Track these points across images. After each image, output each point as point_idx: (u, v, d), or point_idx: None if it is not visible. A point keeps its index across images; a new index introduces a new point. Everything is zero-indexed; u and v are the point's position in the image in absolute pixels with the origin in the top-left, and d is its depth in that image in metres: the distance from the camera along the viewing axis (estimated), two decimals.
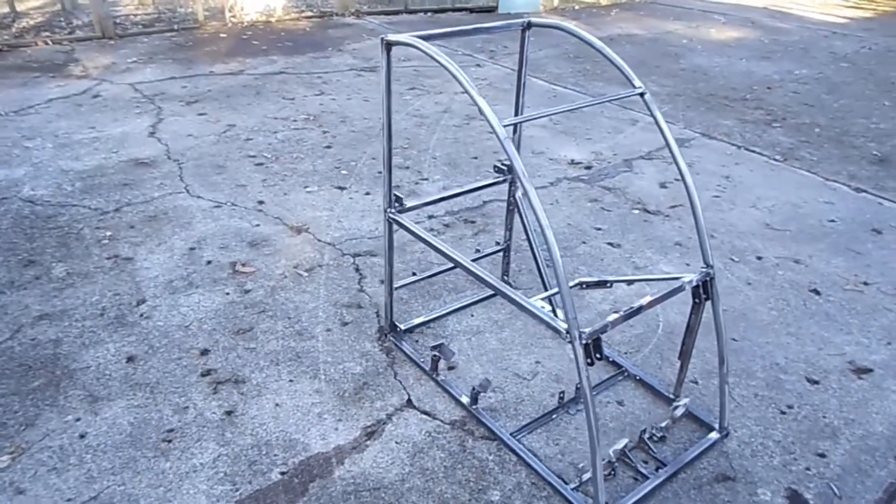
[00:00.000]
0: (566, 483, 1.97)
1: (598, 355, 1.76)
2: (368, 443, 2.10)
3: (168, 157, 4.00)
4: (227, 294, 2.78)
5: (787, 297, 2.96)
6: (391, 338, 2.53)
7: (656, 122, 2.09)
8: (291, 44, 6.63)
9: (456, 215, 3.49)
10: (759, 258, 3.25)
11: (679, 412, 2.13)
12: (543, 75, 5.97)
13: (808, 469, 2.09)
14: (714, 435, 2.16)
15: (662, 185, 3.96)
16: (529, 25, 2.39)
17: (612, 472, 2.01)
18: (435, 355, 2.32)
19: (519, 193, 2.67)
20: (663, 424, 2.17)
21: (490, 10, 8.86)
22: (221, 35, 6.83)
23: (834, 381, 2.47)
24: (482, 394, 2.21)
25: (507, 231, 2.79)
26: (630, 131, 4.75)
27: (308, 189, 3.69)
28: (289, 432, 2.12)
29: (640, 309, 1.87)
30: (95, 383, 2.30)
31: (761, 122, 5.07)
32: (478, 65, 6.17)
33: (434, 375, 2.35)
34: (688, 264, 3.17)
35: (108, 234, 3.18)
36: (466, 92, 1.86)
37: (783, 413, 2.31)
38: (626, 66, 2.16)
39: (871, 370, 2.54)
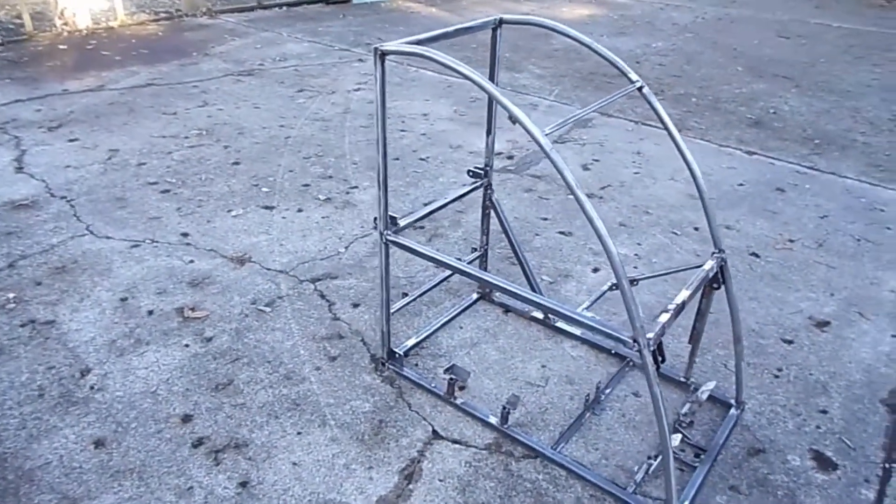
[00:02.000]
0: (623, 488, 1.95)
1: (661, 358, 1.73)
2: (411, 487, 1.94)
3: (51, 195, 3.46)
4: (187, 346, 2.45)
5: (735, 263, 3.13)
6: (390, 366, 2.36)
7: (657, 114, 2.10)
8: (148, 51, 6.00)
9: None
10: (696, 229, 3.43)
11: (705, 396, 2.17)
12: (428, 65, 5.88)
13: (818, 428, 2.23)
14: (734, 411, 2.24)
15: (585, 168, 4.05)
16: (500, 23, 2.30)
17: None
18: (451, 378, 2.20)
19: (495, 196, 2.58)
20: (685, 409, 2.21)
21: (345, 1, 8.60)
22: (60, 46, 6.04)
23: (804, 339, 2.65)
24: (512, 411, 2.12)
25: (483, 235, 2.70)
26: (535, 116, 4.80)
27: (233, 213, 3.35)
28: (320, 492, 1.91)
29: (683, 305, 1.87)
30: (66, 480, 1.93)
31: (637, 96, 5.33)
32: (360, 59, 5.95)
33: (451, 399, 2.22)
34: (639, 244, 3.26)
35: (11, 296, 2.69)
36: (499, 102, 1.75)
37: (776, 377, 2.45)
38: (619, 60, 2.14)
39: (828, 322, 2.76)
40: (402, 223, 2.19)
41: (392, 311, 2.33)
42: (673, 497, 1.80)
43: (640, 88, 2.10)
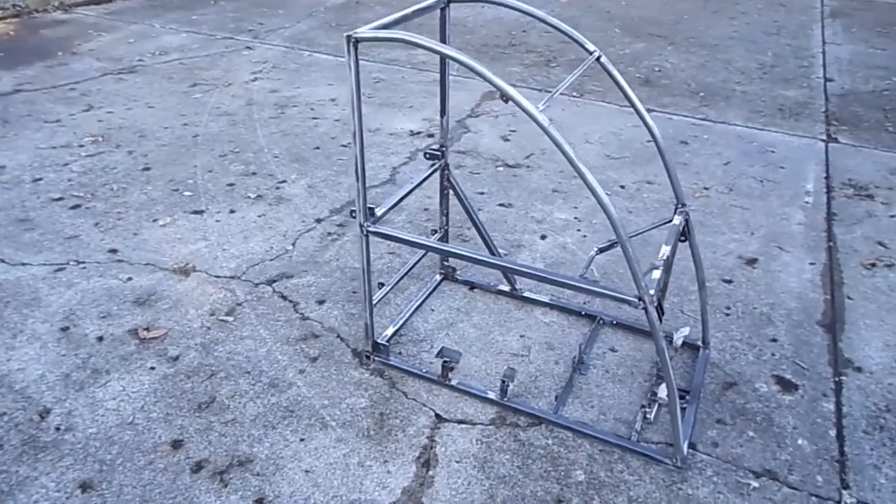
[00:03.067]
0: (627, 438, 2.06)
1: (662, 312, 1.84)
2: (431, 473, 1.95)
3: None
4: (153, 368, 2.30)
5: (664, 214, 3.33)
6: (377, 358, 2.34)
7: (616, 82, 2.18)
8: (3, 53, 5.40)
9: (343, 212, 3.26)
10: (622, 187, 3.61)
11: (680, 341, 2.33)
12: (322, 48, 5.72)
13: (773, 355, 2.46)
14: (703, 352, 2.41)
15: (504, 139, 4.14)
16: (449, 2, 2.29)
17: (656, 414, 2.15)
18: (445, 361, 2.21)
19: (453, 179, 2.59)
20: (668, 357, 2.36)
21: None
22: None
23: (741, 277, 2.89)
24: (510, 383, 2.17)
25: (443, 216, 2.71)
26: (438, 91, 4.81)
27: (160, 222, 3.14)
28: (342, 495, 1.88)
29: (670, 260, 1.99)
30: None
31: (541, 64, 5.51)
32: (248, 47, 5.68)
33: (446, 382, 2.24)
34: (575, 207, 3.39)
35: None
36: (494, 84, 1.75)
37: (727, 315, 2.66)
38: (576, 32, 2.20)
39: (756, 259, 3.02)
40: (378, 213, 2.16)
41: (374, 302, 2.30)
42: (680, 438, 1.94)
43: (598, 58, 2.17)
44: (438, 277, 2.79)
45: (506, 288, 2.71)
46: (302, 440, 2.05)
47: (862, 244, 3.18)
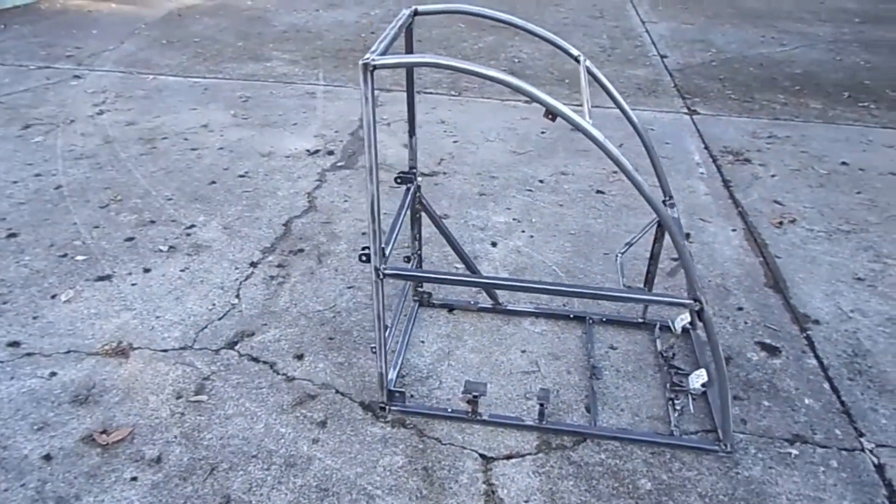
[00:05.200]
0: (670, 434, 2.08)
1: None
2: None
3: None
4: (135, 479, 1.91)
5: (592, 203, 3.43)
6: (392, 407, 2.13)
7: (603, 87, 2.16)
8: None
9: (276, 251, 2.95)
10: (542, 181, 3.65)
11: (680, 329, 2.39)
12: (165, 69, 5.13)
13: (746, 323, 2.62)
14: (693, 333, 2.50)
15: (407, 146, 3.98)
16: (415, 13, 2.13)
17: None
18: (474, 396, 2.07)
19: (425, 200, 2.43)
20: (664, 346, 2.42)
21: None
22: None
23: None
24: (547, 405, 2.09)
25: (415, 241, 2.53)
26: (322, 105, 4.54)
27: (63, 298, 2.62)
28: None
29: (678, 262, 2.01)
30: None
31: None
32: (76, 76, 4.93)
33: (477, 417, 2.10)
34: (509, 208, 3.36)
35: None
36: (537, 100, 1.63)
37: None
38: (557, 37, 2.15)
39: (689, 234, 3.21)
40: (386, 251, 1.96)
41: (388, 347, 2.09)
42: (730, 425, 1.99)
43: (576, 59, 2.13)
44: (414, 304, 2.62)
45: (487, 304, 2.61)
46: None
47: (762, 205, 3.50)
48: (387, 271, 1.91)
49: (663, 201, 2.33)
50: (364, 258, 1.92)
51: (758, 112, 4.73)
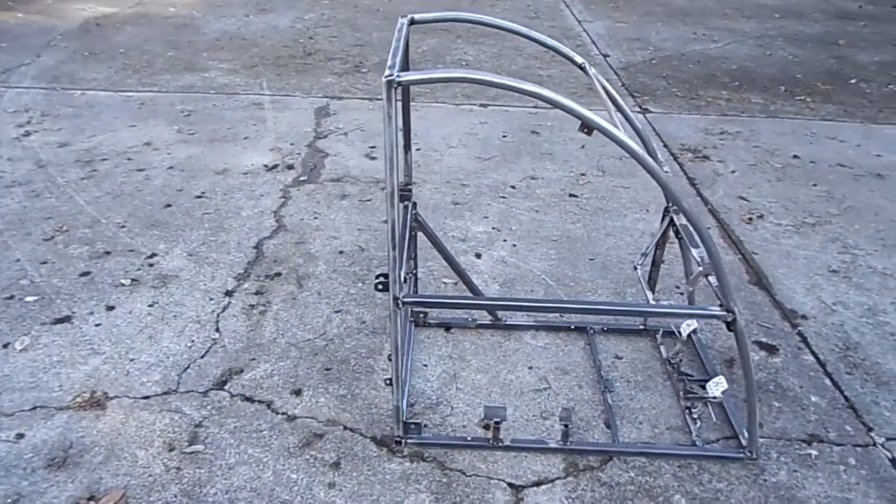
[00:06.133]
0: (692, 444, 2.04)
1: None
2: None
3: None
4: None
5: (567, 208, 3.39)
6: (410, 440, 2.00)
7: (602, 87, 2.10)
8: None
9: (251, 276, 2.75)
10: (513, 187, 3.59)
11: (686, 334, 2.37)
12: (93, 83, 4.77)
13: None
14: (695, 336, 2.49)
15: (370, 157, 3.85)
16: (412, 22, 2.01)
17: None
18: (496, 422, 1.97)
19: (421, 217, 2.31)
20: (671, 353, 2.39)
21: None
22: None
23: (666, 253, 3.04)
24: (570, 425, 2.02)
25: (410, 261, 2.40)
26: (272, 117, 4.32)
27: (17, 346, 2.34)
28: None
29: (700, 268, 1.98)
30: None
31: (352, 71, 5.24)
32: None
33: (499, 444, 2.00)
34: (486, 217, 3.28)
35: None
36: (579, 116, 1.55)
37: (681, 294, 2.78)
38: (561, 45, 2.07)
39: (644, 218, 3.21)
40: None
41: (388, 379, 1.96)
42: (756, 431, 1.97)
43: (581, 67, 2.07)
44: (409, 325, 2.49)
45: (485, 321, 2.52)
46: None
47: (729, 202, 3.55)
48: (407, 300, 1.78)
49: (666, 208, 2.30)
50: (381, 287, 1.79)
51: (705, 109, 4.84)
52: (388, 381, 1.98)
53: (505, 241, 3.10)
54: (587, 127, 1.57)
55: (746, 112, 4.81)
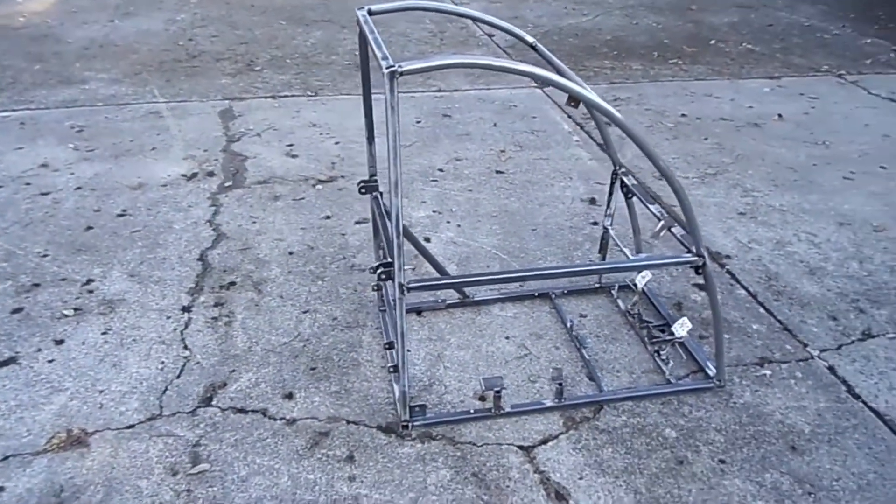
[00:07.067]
0: (669, 382, 2.24)
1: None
2: (571, 502, 1.86)
3: None
4: None
5: (497, 184, 3.52)
6: (415, 423, 2.05)
7: (550, 63, 2.21)
8: None
9: (205, 289, 2.66)
10: (441, 170, 3.66)
11: (641, 286, 2.56)
12: None
13: (678, 269, 2.87)
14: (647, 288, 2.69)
15: (292, 156, 3.78)
16: (371, 13, 2.03)
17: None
18: (496, 391, 2.06)
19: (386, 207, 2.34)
20: (629, 305, 2.58)
21: None
22: None
23: (598, 215, 3.25)
24: (564, 383, 2.15)
25: (379, 250, 2.42)
26: (175, 124, 4.12)
27: None
28: None
29: (662, 221, 2.16)
30: None
31: (245, 70, 5.07)
32: None
33: (502, 412, 2.10)
34: (424, 201, 3.34)
35: None
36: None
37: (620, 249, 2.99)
38: (514, 27, 2.16)
39: (594, 198, 3.42)
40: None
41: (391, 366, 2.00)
42: (723, 362, 2.19)
43: (532, 46, 2.17)
44: (380, 314, 2.52)
45: (454, 300, 2.59)
46: None
47: (640, 162, 3.78)
48: (412, 285, 1.82)
49: (614, 171, 2.47)
50: (384, 276, 1.82)
51: (595, 79, 5.14)
52: (391, 369, 2.01)
53: (448, 222, 3.18)
54: (574, 99, 1.67)
55: (631, 78, 5.16)
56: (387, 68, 1.56)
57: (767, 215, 3.32)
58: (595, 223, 3.19)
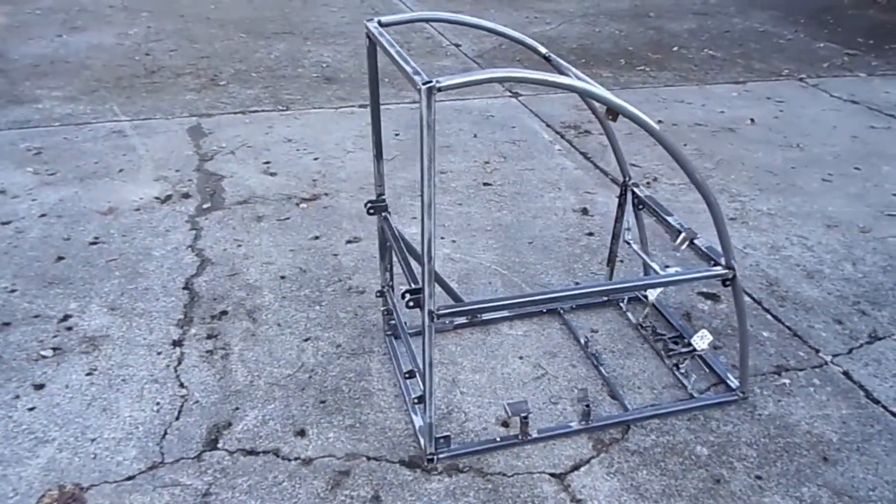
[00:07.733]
0: (692, 397, 2.19)
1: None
2: None
3: None
4: None
5: (487, 197, 3.44)
6: (441, 455, 1.94)
7: (560, 70, 2.15)
8: None
9: (195, 320, 2.48)
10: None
11: (651, 299, 2.51)
12: None
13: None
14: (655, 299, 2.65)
15: (270, 174, 3.62)
16: (382, 25, 1.92)
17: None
18: (523, 417, 1.97)
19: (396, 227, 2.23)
20: (641, 318, 2.53)
21: None
22: None
23: (594, 225, 3.20)
24: (591, 405, 2.06)
25: (386, 272, 2.30)
26: (141, 143, 3.90)
27: None
28: None
29: (683, 234, 2.11)
30: None
31: (210, 85, 4.87)
32: None
33: (529, 437, 2.00)
34: (414, 217, 3.23)
35: None
36: (605, 100, 1.57)
37: (620, 262, 2.94)
38: (526, 38, 2.08)
39: (585, 208, 3.37)
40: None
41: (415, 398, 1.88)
42: (747, 373, 2.15)
43: (545, 57, 2.10)
44: (387, 339, 2.40)
45: (461, 320, 2.49)
46: None
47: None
48: (442, 312, 1.71)
49: (623, 183, 2.42)
50: (412, 304, 1.71)
51: None
52: (417, 400, 1.90)
53: (443, 238, 3.08)
54: (612, 112, 1.60)
55: (602, 86, 5.15)
56: (423, 84, 1.45)
57: (757, 220, 3.33)
58: (591, 234, 3.14)
